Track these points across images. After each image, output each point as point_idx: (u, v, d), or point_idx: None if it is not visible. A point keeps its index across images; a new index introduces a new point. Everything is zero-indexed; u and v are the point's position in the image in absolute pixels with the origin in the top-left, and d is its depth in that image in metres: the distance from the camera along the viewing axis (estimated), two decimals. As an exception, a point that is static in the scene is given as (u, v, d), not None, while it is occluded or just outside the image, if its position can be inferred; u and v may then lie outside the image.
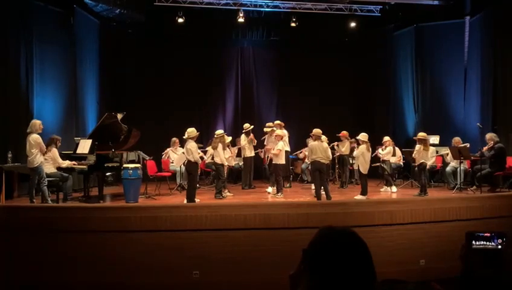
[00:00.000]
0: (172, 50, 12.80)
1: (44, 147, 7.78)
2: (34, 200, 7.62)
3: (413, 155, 9.24)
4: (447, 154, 9.93)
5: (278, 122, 10.71)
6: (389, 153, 10.00)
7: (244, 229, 6.07)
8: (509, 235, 2.26)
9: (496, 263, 2.23)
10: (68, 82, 10.34)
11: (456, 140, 9.71)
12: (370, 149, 8.94)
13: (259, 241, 6.07)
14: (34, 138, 7.56)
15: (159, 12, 11.91)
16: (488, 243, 2.28)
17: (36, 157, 7.57)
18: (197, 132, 8.65)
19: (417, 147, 9.09)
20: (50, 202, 7.75)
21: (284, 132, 10.33)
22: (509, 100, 9.91)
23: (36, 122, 7.73)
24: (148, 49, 12.58)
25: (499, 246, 2.27)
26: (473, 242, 2.29)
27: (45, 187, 7.71)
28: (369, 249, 1.42)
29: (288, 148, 10.40)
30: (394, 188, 9.73)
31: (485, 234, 2.30)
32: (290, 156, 10.95)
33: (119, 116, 8.99)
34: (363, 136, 8.94)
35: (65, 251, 5.88)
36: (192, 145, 8.34)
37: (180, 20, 11.93)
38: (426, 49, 12.23)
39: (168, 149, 10.58)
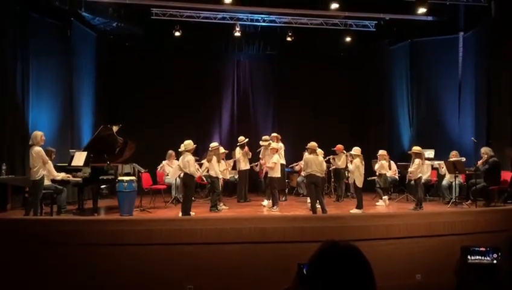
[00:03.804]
0: (169, 63, 12.84)
1: (47, 158, 7.66)
2: (31, 213, 7.52)
3: (412, 170, 9.06)
4: (442, 167, 9.95)
5: (274, 134, 10.72)
6: (383, 167, 10.04)
7: (239, 242, 6.03)
8: (504, 250, 2.26)
9: (491, 278, 2.23)
10: (64, 95, 10.34)
11: (454, 153, 9.74)
12: (363, 162, 8.98)
13: (255, 255, 6.03)
14: (36, 151, 7.44)
15: (156, 26, 11.95)
16: (483, 257, 2.28)
17: (39, 171, 7.46)
18: (194, 144, 8.63)
19: (416, 161, 9.04)
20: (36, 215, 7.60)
21: (280, 145, 10.34)
22: (503, 115, 9.98)
23: (37, 134, 7.56)
24: (145, 62, 12.60)
25: (494, 261, 2.27)
26: (468, 257, 2.28)
27: (37, 202, 7.57)
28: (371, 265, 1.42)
29: (283, 161, 10.40)
30: (380, 202, 9.73)
31: (480, 249, 2.30)
32: (286, 169, 10.93)
33: (115, 128, 8.99)
34: (355, 150, 8.98)
35: (58, 263, 5.82)
36: (189, 158, 8.32)
37: (177, 33, 12.00)
38: (421, 64, 12.36)
39: (163, 162, 10.52)
